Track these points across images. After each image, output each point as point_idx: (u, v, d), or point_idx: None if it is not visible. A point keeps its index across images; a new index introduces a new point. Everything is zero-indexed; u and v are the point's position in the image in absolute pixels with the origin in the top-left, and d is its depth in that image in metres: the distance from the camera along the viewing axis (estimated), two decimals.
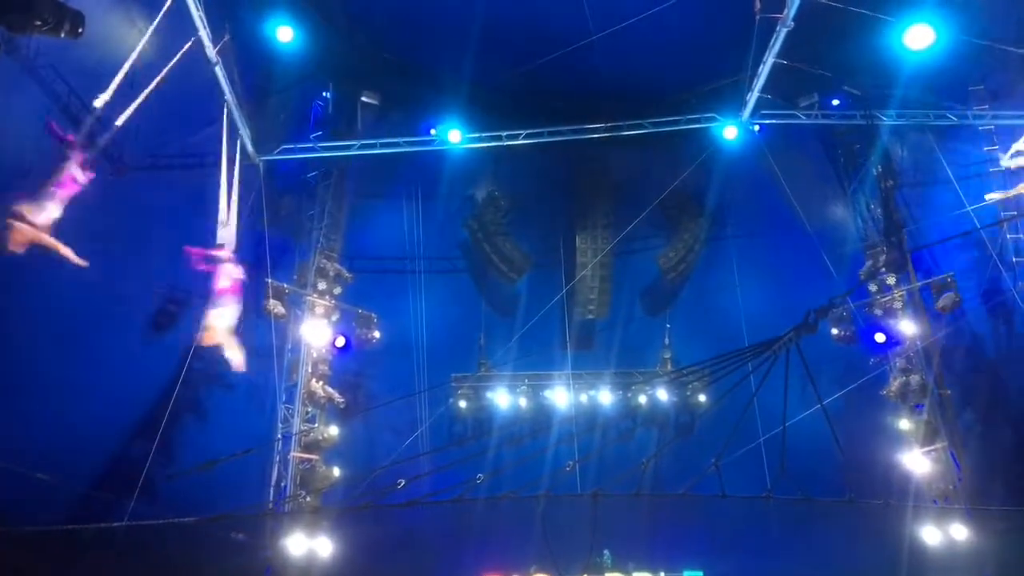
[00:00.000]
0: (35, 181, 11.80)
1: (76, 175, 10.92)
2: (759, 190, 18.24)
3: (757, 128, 16.95)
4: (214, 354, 16.55)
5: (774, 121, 16.74)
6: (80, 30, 8.20)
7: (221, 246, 12.82)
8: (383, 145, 16.52)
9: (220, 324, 12.09)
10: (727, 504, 12.83)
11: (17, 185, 11.08)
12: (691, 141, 17.36)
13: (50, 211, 10.33)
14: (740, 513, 13.76)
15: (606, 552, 13.82)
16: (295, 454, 15.41)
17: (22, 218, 9.90)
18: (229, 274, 12.44)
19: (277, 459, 15.38)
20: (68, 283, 13.37)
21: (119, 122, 11.92)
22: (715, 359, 11.08)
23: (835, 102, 17.31)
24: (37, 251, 11.38)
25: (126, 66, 11.39)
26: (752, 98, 15.80)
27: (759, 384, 10.70)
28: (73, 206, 11.93)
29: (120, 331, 14.88)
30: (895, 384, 16.46)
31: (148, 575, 11.47)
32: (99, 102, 11.37)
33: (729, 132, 16.71)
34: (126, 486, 13.38)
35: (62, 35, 8.11)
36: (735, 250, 19.58)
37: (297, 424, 15.67)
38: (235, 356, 12.25)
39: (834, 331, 17.02)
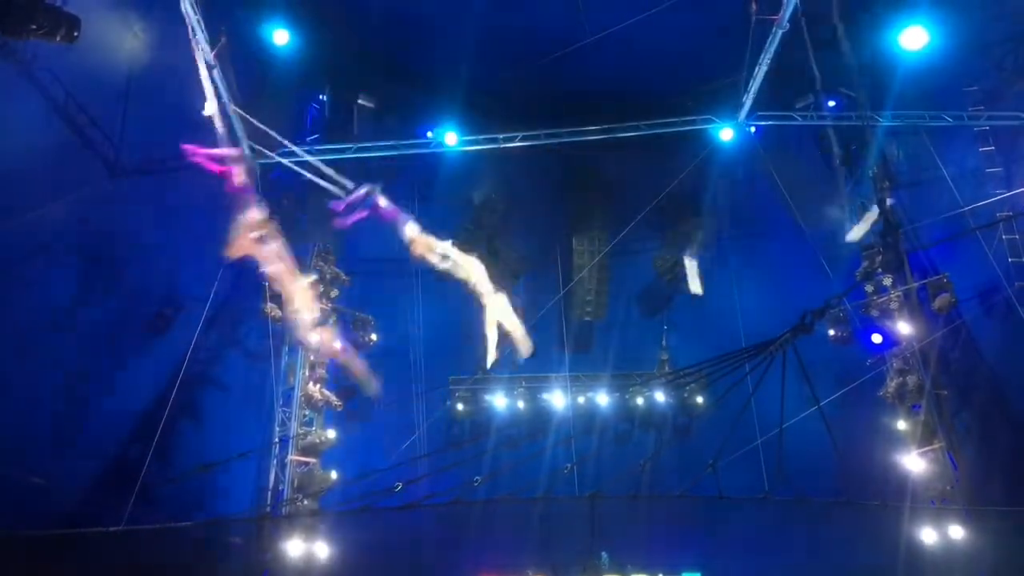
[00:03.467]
0: (33, 184, 11.85)
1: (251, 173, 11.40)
2: (756, 191, 18.29)
3: (753, 130, 17.00)
4: (212, 357, 16.64)
5: (770, 123, 16.78)
6: (76, 34, 8.21)
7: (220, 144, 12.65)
8: (380, 148, 16.50)
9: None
10: (725, 505, 12.88)
11: (15, 187, 11.09)
12: (687, 143, 17.38)
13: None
14: (738, 514, 13.79)
15: (604, 554, 13.80)
16: (292, 457, 15.38)
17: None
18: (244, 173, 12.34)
19: (275, 462, 15.35)
20: (65, 287, 13.40)
21: None
22: (712, 361, 11.10)
23: (831, 103, 17.33)
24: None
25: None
26: (748, 100, 15.83)
27: (756, 385, 10.73)
28: (71, 210, 11.97)
29: (117, 335, 14.85)
30: (892, 385, 16.48)
31: None
32: None
33: (725, 134, 16.74)
34: (123, 490, 13.34)
35: (58, 39, 8.12)
36: (732, 252, 19.60)
37: (294, 427, 15.63)
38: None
39: (831, 332, 17.04)
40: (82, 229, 13.39)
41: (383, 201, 12.93)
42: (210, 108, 12.59)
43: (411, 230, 14.02)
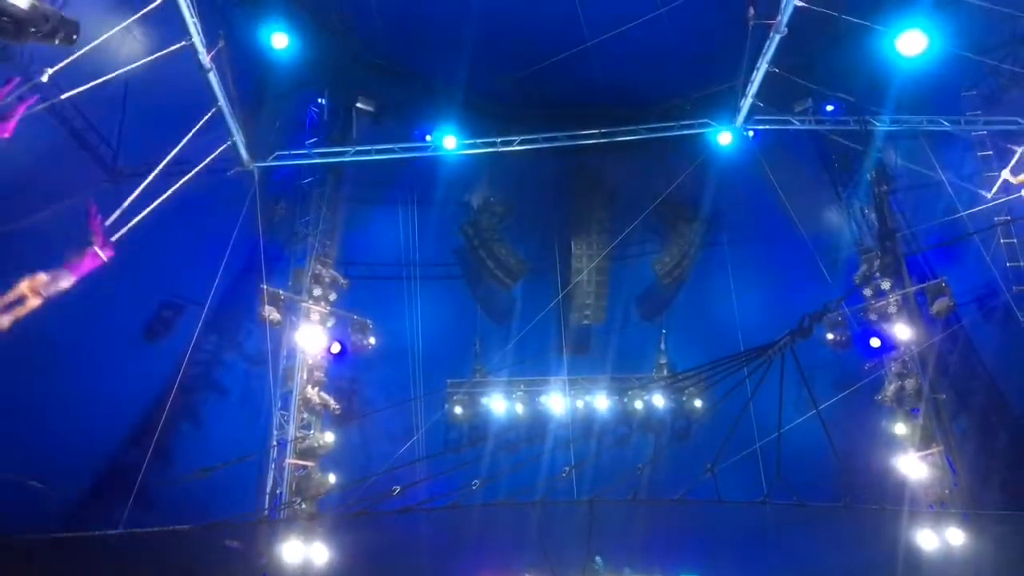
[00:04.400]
0: (36, 191, 11.83)
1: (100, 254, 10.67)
2: (754, 195, 18.31)
3: (751, 134, 17.02)
4: (209, 361, 16.63)
5: (768, 127, 16.81)
6: (74, 37, 8.18)
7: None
8: (378, 151, 16.51)
9: None
10: (723, 509, 12.87)
11: (14, 192, 11.07)
12: (686, 147, 17.42)
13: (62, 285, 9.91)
14: (737, 518, 13.77)
15: (597, 558, 13.77)
16: (290, 461, 15.36)
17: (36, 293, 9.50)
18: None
19: (272, 466, 15.33)
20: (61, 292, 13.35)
21: None
22: (711, 364, 11.12)
23: (829, 108, 17.37)
24: None
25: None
26: (746, 104, 15.85)
27: (754, 389, 10.73)
28: (70, 213, 11.91)
29: (115, 338, 14.83)
30: (890, 389, 16.50)
31: None
32: None
33: (724, 138, 16.76)
34: (121, 493, 13.32)
35: (56, 42, 8.09)
36: (730, 255, 19.62)
37: (292, 431, 15.61)
38: None
39: (829, 336, 17.06)
40: (80, 233, 13.35)
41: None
42: None
43: None
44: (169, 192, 12.92)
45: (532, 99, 17.72)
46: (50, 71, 10.65)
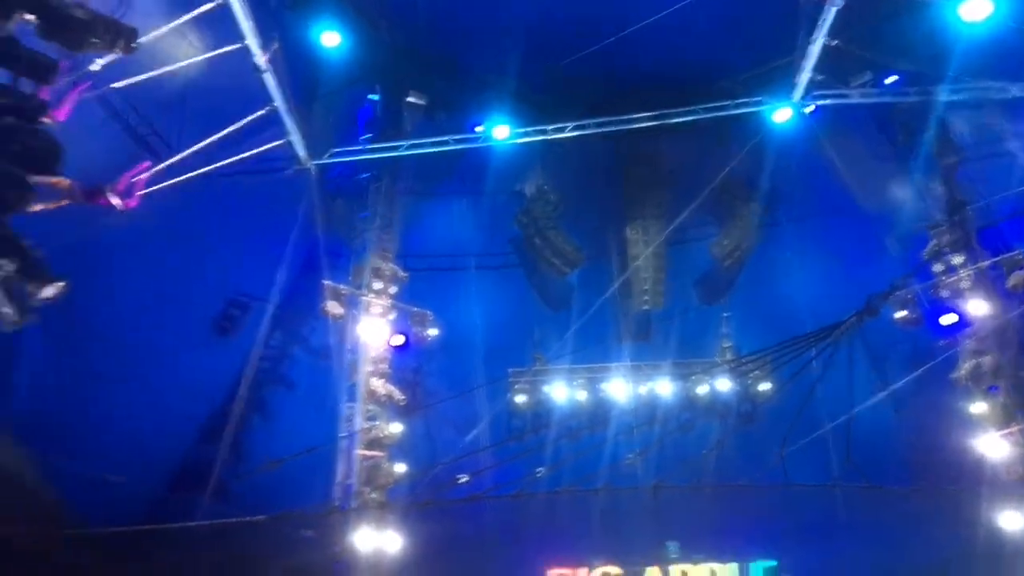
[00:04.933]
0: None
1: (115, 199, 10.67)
2: (814, 172, 17.88)
3: (810, 110, 16.57)
4: (277, 356, 17.04)
5: (827, 102, 16.32)
6: (134, 45, 8.41)
7: None
8: (431, 144, 16.60)
9: None
10: (793, 493, 12.67)
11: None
12: (742, 126, 17.06)
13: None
14: (807, 502, 13.52)
15: (672, 543, 13.68)
16: (359, 451, 15.61)
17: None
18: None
19: (342, 457, 15.61)
20: (136, 294, 13.86)
21: None
22: (776, 347, 10.94)
23: (890, 79, 16.80)
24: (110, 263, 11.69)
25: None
26: (803, 79, 15.44)
27: (822, 371, 10.52)
28: (139, 218, 12.30)
29: (187, 336, 15.33)
30: (966, 367, 15.89)
31: (222, 572, 11.79)
32: None
33: (780, 115, 16.37)
34: (198, 486, 13.77)
35: (117, 51, 8.34)
36: (792, 235, 19.20)
37: (359, 422, 15.87)
38: None
39: (898, 314, 16.51)
40: (148, 236, 13.82)
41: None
42: None
43: None
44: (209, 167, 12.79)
45: (583, 85, 17.58)
46: (101, 61, 10.93)
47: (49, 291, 7.33)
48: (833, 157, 16.80)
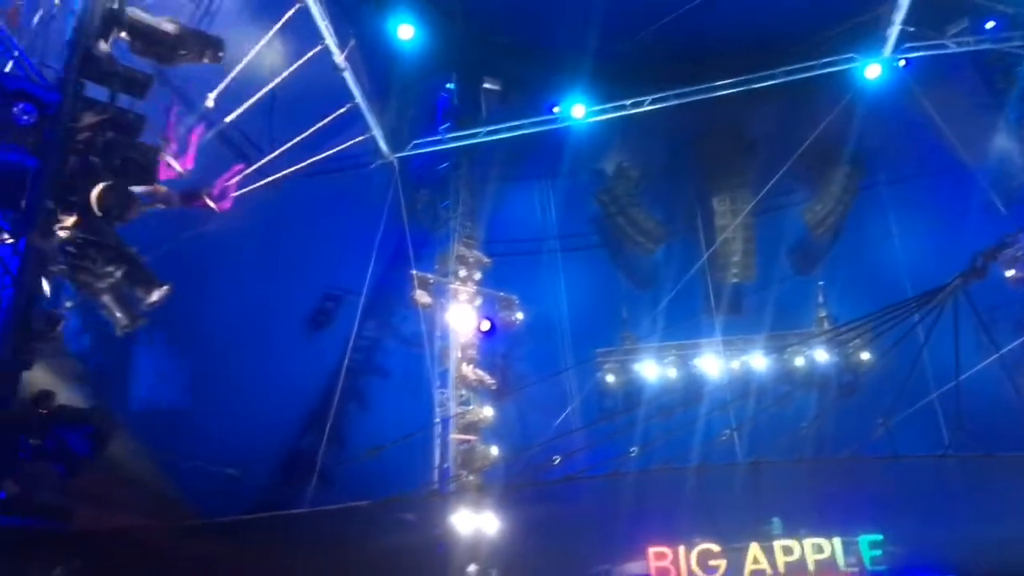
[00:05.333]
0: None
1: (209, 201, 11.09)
2: (910, 130, 17.06)
3: (903, 63, 15.76)
4: (370, 346, 17.51)
5: (921, 54, 15.50)
6: (220, 54, 8.75)
7: None
8: (508, 129, 16.65)
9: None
10: (900, 465, 12.20)
11: (182, 210, 12.03)
12: (830, 86, 16.40)
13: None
14: (915, 474, 13.00)
15: (775, 519, 13.40)
16: (454, 436, 15.93)
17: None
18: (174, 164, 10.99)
19: (438, 442, 15.96)
20: (236, 294, 14.47)
21: None
22: (876, 314, 10.54)
23: (989, 25, 15.79)
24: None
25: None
26: (893, 32, 14.72)
27: (927, 336, 10.08)
28: (236, 218, 12.83)
29: (286, 331, 15.93)
30: None
31: (330, 556, 12.27)
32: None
33: (871, 71, 15.68)
34: (304, 475, 14.33)
35: (205, 61, 8.69)
36: (889, 197, 18.39)
37: (453, 407, 16.17)
38: None
39: (1008, 273, 15.64)
40: (243, 238, 14.38)
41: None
42: None
43: None
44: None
45: (660, 57, 17.21)
46: (212, 95, 11.45)
47: (156, 295, 7.76)
48: (930, 111, 15.94)
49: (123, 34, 8.02)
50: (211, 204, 9.92)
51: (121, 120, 7.71)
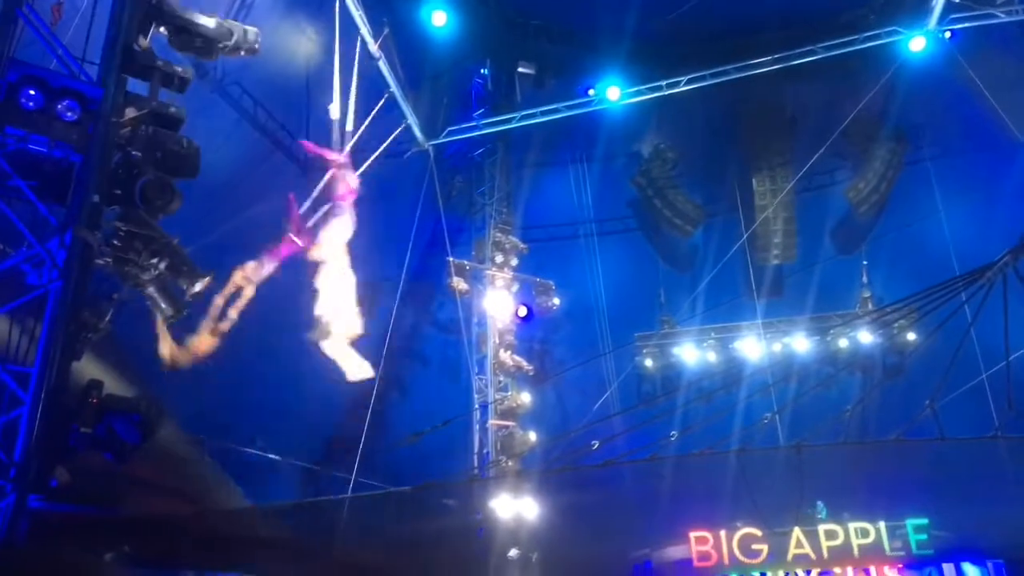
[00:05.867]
0: (238, 189, 13.03)
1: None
2: (957, 103, 16.60)
3: (948, 35, 15.31)
4: (409, 334, 17.63)
5: (968, 24, 15.03)
6: (257, 46, 8.84)
7: (339, 150, 12.53)
8: (543, 113, 16.56)
9: (336, 238, 11.89)
10: (948, 447, 11.94)
11: (223, 195, 12.24)
12: (872, 60, 16.03)
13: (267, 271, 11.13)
14: (964, 456, 12.73)
15: (819, 503, 13.25)
16: (493, 422, 16.02)
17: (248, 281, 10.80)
18: (346, 181, 12.15)
19: (477, 427, 16.07)
20: (276, 281, 14.67)
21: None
22: (922, 293, 10.31)
23: None
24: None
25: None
26: (939, 2, 14.28)
27: (975, 315, 9.84)
28: (273, 210, 13.02)
29: None
30: None
31: (372, 540, 12.45)
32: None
33: (916, 44, 15.29)
34: (347, 461, 14.53)
35: (242, 53, 8.79)
36: (935, 173, 17.92)
37: (491, 393, 16.25)
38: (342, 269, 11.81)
39: None
40: (284, 224, 14.56)
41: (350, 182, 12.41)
42: (335, 111, 12.71)
43: None
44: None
45: (695, 36, 16.95)
46: (353, 181, 11.93)
47: (199, 286, 7.91)
48: (977, 84, 15.47)
49: (162, 29, 8.15)
50: (299, 242, 10.69)
51: (162, 114, 7.86)
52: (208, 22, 8.37)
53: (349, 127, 12.84)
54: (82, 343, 7.24)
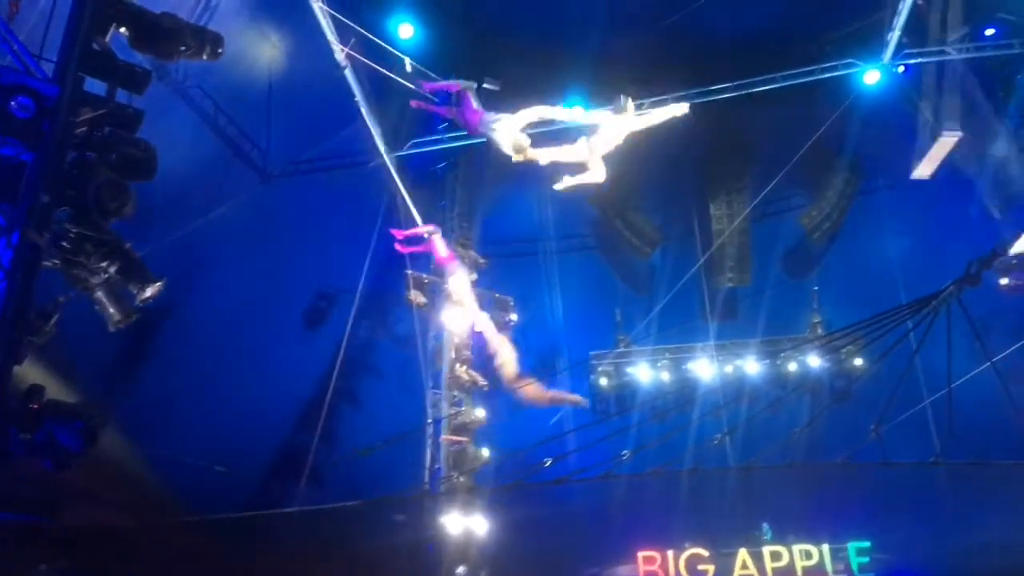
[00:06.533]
0: (195, 194, 12.84)
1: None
2: (910, 135, 17.05)
3: (902, 70, 15.80)
4: (364, 345, 17.48)
5: (920, 60, 15.53)
6: (220, 50, 8.70)
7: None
8: None
9: (461, 288, 12.52)
10: (891, 472, 12.21)
11: (180, 199, 12.04)
12: (829, 91, 16.41)
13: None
14: (907, 480, 13.03)
15: (765, 525, 13.45)
16: (446, 437, 15.92)
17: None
18: (442, 245, 12.76)
19: (429, 442, 15.95)
20: (229, 289, 14.46)
21: None
22: (870, 320, 10.54)
23: (989, 32, 15.84)
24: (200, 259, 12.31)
25: None
26: (893, 38, 14.74)
27: (920, 343, 10.09)
28: (230, 216, 12.85)
29: (279, 328, 15.90)
30: None
31: (319, 555, 12.26)
32: None
33: (871, 77, 15.70)
34: (294, 474, 14.31)
35: (204, 57, 8.65)
36: (887, 203, 18.41)
37: (445, 408, 16.16)
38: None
39: (1003, 281, 15.67)
40: (239, 233, 14.37)
41: (474, 102, 12.23)
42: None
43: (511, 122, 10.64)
44: None
45: (659, 60, 17.22)
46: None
47: (149, 291, 7.72)
48: (928, 118, 15.96)
49: (123, 28, 7.99)
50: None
51: (119, 115, 7.68)
52: (170, 23, 8.24)
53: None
54: (26, 346, 7.01)
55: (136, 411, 11.45)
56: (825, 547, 12.95)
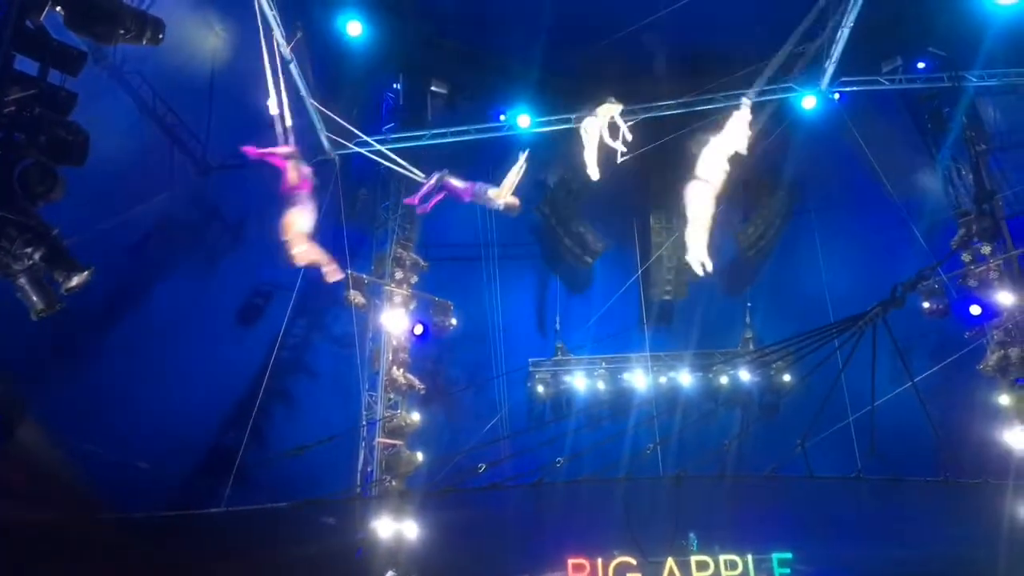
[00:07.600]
0: (128, 183, 12.43)
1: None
2: (842, 161, 17.65)
3: (837, 96, 16.35)
4: (300, 344, 17.18)
5: (855, 88, 16.11)
6: (160, 36, 8.47)
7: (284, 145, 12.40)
8: (453, 133, 16.60)
9: (300, 226, 11.80)
10: (815, 485, 12.58)
11: (112, 187, 11.65)
12: (769, 113, 16.86)
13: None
14: (829, 494, 13.43)
15: (691, 535, 13.68)
16: (380, 440, 15.76)
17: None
18: (298, 171, 12.04)
19: (363, 445, 15.77)
20: (162, 283, 14.04)
21: None
22: (799, 337, 10.82)
23: (920, 65, 16.53)
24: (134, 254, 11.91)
25: None
26: (830, 66, 15.24)
27: (846, 362, 10.40)
28: (164, 207, 12.47)
29: (211, 324, 15.49)
30: (993, 358, 15.71)
31: (244, 558, 11.96)
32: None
33: (808, 102, 16.18)
34: (221, 473, 13.94)
35: (144, 42, 8.41)
36: (818, 224, 18.98)
37: (380, 411, 16.01)
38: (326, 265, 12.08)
39: (925, 304, 16.35)
40: (174, 225, 13.97)
41: (456, 182, 12.92)
42: (273, 106, 12.50)
43: (496, 191, 13.02)
44: None
45: (607, 73, 17.40)
46: (306, 170, 12.02)
47: (76, 280, 7.44)
48: (862, 144, 16.55)
49: (58, 7, 7.71)
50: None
51: (51, 96, 7.40)
52: (109, 5, 7.98)
53: (288, 123, 12.45)
54: None
55: (59, 406, 10.99)
56: (749, 557, 13.25)
